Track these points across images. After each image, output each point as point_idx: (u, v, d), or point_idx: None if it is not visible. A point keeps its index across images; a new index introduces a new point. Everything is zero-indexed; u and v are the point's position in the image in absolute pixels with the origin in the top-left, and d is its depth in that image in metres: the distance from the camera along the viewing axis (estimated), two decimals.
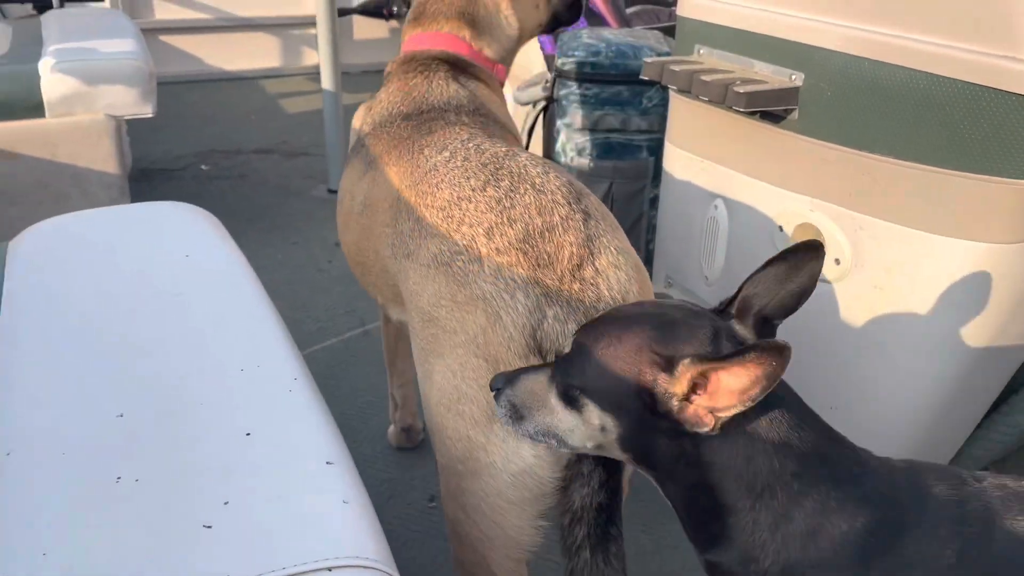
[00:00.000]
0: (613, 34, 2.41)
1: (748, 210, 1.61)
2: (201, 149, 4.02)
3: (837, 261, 1.43)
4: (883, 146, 1.33)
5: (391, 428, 1.97)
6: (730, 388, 0.79)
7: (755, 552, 0.85)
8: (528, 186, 1.10)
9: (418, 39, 1.63)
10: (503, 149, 1.19)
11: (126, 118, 2.62)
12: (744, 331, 0.89)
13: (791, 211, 1.50)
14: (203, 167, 3.80)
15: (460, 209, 1.10)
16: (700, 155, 1.72)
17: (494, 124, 1.47)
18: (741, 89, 1.42)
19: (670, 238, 1.85)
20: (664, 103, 2.31)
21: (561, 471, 1.05)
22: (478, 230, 1.07)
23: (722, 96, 1.46)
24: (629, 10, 3.01)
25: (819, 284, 1.46)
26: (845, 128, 1.38)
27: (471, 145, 1.21)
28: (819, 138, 1.43)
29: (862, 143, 1.36)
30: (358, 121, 1.57)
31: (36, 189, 2.53)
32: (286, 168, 3.82)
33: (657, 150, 2.34)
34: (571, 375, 0.89)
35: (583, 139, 2.33)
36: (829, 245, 1.44)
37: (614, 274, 1.05)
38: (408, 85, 1.51)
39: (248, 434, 0.86)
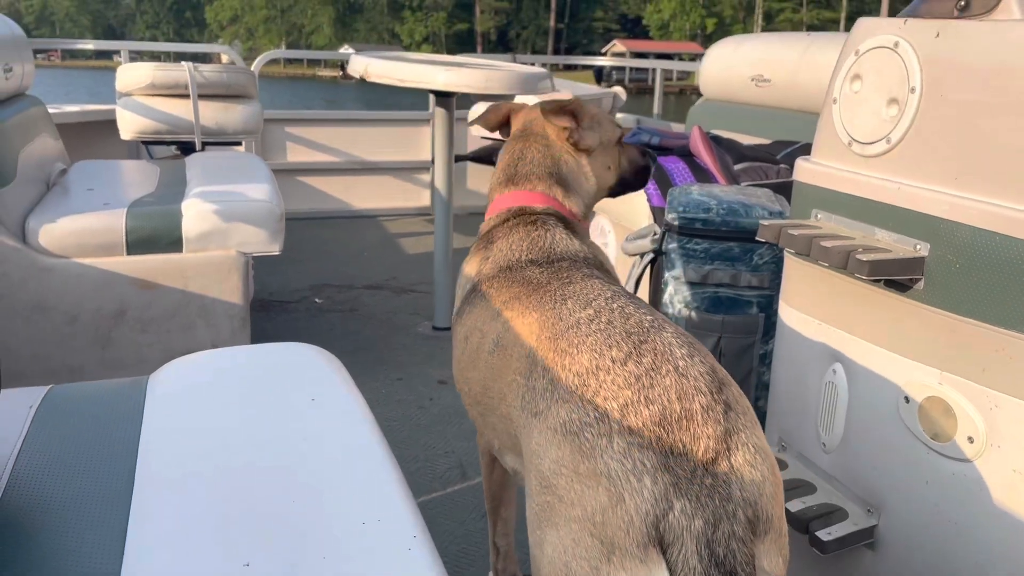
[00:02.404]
0: (723, 191, 2.45)
1: (870, 377, 1.56)
2: (316, 282, 4.23)
3: (970, 439, 1.36)
4: (1019, 322, 1.29)
5: None
6: None
7: None
8: (671, 367, 1.09)
9: (514, 197, 1.70)
10: (649, 318, 1.19)
11: (254, 255, 2.79)
12: None
13: (918, 382, 1.45)
14: (317, 300, 3.97)
15: (597, 380, 1.09)
16: (817, 318, 1.69)
17: (615, 282, 1.49)
18: (864, 257, 1.41)
19: (785, 400, 1.80)
20: (775, 260, 2.31)
21: None
22: (612, 404, 1.05)
23: (843, 263, 1.45)
24: (737, 166, 3.07)
25: (953, 463, 1.40)
26: (976, 301, 1.35)
27: (616, 307, 1.22)
28: (947, 310, 1.39)
29: (995, 318, 1.32)
30: (473, 268, 1.61)
31: (166, 318, 2.70)
32: (394, 304, 3.96)
33: (767, 306, 2.32)
34: None
35: (691, 292, 2.34)
36: (961, 421, 1.38)
37: (748, 473, 1.02)
38: (531, 235, 1.56)
39: None
